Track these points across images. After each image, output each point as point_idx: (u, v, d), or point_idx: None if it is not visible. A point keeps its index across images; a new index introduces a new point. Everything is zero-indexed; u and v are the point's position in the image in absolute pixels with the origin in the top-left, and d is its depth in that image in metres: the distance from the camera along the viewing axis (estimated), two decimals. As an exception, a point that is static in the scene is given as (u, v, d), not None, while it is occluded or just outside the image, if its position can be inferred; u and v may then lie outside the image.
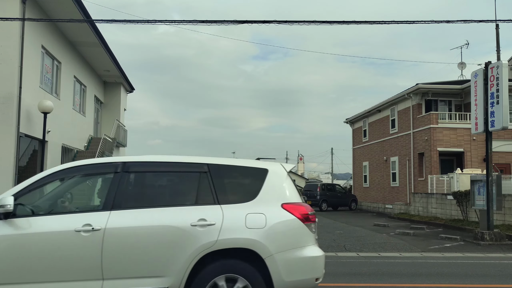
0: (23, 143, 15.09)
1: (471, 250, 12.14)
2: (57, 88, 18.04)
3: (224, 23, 12.49)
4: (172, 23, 11.98)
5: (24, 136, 14.82)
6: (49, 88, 17.16)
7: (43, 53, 16.38)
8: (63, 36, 18.11)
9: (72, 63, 19.55)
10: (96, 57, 20.98)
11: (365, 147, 32.29)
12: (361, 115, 32.50)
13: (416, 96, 24.52)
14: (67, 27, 17.38)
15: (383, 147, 28.76)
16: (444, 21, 12.53)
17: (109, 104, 25.72)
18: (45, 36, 16.30)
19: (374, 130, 30.68)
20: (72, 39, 18.75)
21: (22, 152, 15.33)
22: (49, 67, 17.23)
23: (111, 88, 25.74)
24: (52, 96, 17.15)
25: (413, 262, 9.93)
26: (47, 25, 16.38)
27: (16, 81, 14.10)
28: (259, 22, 12.80)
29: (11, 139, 13.92)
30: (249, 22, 12.67)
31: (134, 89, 27.87)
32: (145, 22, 12.40)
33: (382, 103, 28.51)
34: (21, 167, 15.18)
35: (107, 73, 23.69)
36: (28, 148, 15.99)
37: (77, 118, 20.63)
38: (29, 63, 14.91)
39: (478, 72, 14.01)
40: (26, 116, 14.81)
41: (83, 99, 21.73)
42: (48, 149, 16.71)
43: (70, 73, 19.37)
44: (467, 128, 22.84)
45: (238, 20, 12.51)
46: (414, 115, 24.73)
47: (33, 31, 15.14)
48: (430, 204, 21.21)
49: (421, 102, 24.62)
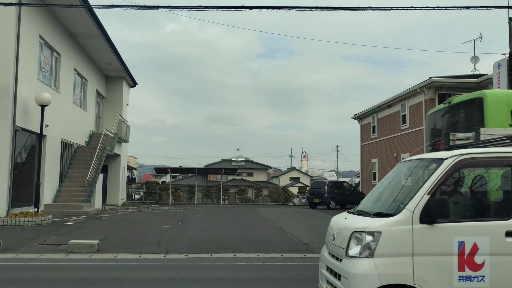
0: (20, 138, 14.38)
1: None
2: (56, 80, 17.32)
3: (231, 8, 11.78)
4: (177, 9, 11.14)
5: (20, 129, 14.11)
6: (47, 80, 16.44)
7: (41, 44, 15.65)
8: (62, 26, 17.37)
9: (72, 55, 18.82)
10: (97, 49, 20.25)
11: (374, 144, 31.40)
12: (370, 111, 31.59)
13: (429, 90, 23.59)
14: (66, 17, 16.64)
15: (393, 143, 27.87)
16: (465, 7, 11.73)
17: (111, 99, 25.00)
18: (43, 26, 15.57)
19: (383, 126, 29.79)
20: (71, 30, 18.02)
21: (20, 147, 14.63)
22: (47, 58, 16.50)
23: (113, 82, 25.02)
24: (51, 88, 16.44)
25: None
26: (45, 14, 15.65)
27: (12, 72, 13.38)
28: (268, 8, 12.10)
29: (6, 132, 13.20)
30: (257, 8, 11.99)
31: (137, 83, 27.15)
32: (146, 7, 11.68)
33: (392, 98, 27.59)
34: (19, 162, 14.49)
35: (109, 67, 22.96)
36: (27, 143, 15.29)
37: (78, 112, 19.92)
38: (26, 53, 14.18)
39: (502, 62, 13.17)
40: (22, 108, 14.10)
41: (83, 93, 21.01)
42: (47, 144, 16.01)
43: (70, 65, 18.64)
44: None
45: (246, 6, 11.79)
46: (427, 110, 23.78)
47: (30, 20, 14.40)
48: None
49: (434, 97, 23.69)
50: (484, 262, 3.84)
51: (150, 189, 32.50)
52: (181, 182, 46.59)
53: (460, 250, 3.82)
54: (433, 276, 3.79)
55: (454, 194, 4.45)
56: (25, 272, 6.75)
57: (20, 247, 8.92)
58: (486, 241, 3.86)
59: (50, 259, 7.86)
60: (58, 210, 15.81)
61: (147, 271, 6.95)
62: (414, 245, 3.81)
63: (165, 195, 30.66)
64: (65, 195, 17.15)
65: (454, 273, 3.81)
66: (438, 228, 3.85)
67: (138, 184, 47.20)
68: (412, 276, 3.78)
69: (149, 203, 28.92)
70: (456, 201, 4.40)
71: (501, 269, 3.84)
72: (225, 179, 43.83)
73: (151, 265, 7.50)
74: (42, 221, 12.65)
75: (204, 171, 40.31)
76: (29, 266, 7.29)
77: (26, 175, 14.92)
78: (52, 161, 16.71)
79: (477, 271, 3.83)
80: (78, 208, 16.21)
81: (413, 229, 3.84)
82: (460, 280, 3.81)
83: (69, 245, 8.59)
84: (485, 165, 4.33)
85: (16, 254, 8.23)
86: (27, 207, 14.17)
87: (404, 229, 3.85)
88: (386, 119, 29.55)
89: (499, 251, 3.85)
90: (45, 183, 15.91)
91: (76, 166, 18.64)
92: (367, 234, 3.89)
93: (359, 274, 3.81)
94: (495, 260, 3.85)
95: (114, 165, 24.43)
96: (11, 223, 12.02)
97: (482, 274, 3.83)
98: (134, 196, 37.28)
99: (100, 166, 18.88)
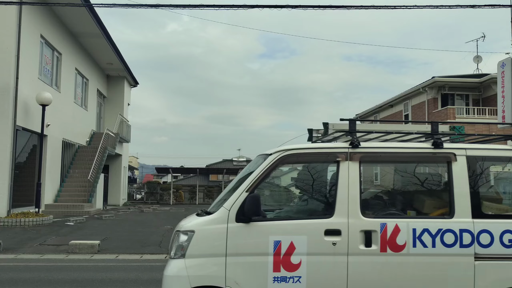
0: (21, 137, 14.32)
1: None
2: (57, 80, 17.25)
3: (233, 7, 11.69)
4: (178, 8, 11.07)
5: (21, 129, 14.05)
6: (48, 80, 16.37)
7: (42, 43, 15.58)
8: (63, 26, 17.31)
9: (74, 55, 18.76)
10: (98, 49, 20.18)
11: (376, 144, 31.38)
12: (372, 111, 31.49)
13: (432, 89, 23.49)
14: (67, 16, 16.57)
15: (395, 143, 27.80)
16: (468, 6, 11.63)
17: (112, 98, 24.93)
18: (44, 25, 15.50)
19: (385, 126, 29.70)
20: (73, 30, 17.95)
21: (21, 147, 14.57)
22: (48, 58, 16.44)
23: (114, 82, 24.96)
24: (52, 88, 16.36)
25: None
26: (46, 14, 15.59)
27: (13, 71, 13.31)
28: (270, 6, 12.01)
29: (7, 132, 13.14)
30: (259, 6, 11.90)
31: (138, 83, 27.09)
32: (147, 6, 11.61)
33: (394, 97, 27.50)
34: (20, 162, 14.43)
35: (110, 66, 22.88)
36: (28, 143, 15.23)
37: (79, 112, 19.85)
38: (27, 52, 14.11)
39: (506, 62, 13.03)
40: (23, 108, 14.03)
41: (85, 92, 20.95)
42: (48, 144, 15.95)
43: (71, 65, 18.58)
44: (485, 123, 21.78)
45: (248, 5, 11.68)
46: (429, 109, 23.72)
47: (31, 19, 14.33)
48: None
49: (437, 96, 23.59)
50: (301, 262, 3.65)
51: (151, 189, 32.46)
52: (183, 182, 46.52)
53: (276, 250, 3.62)
54: (246, 277, 3.61)
55: (275, 191, 4.29)
56: (26, 273, 6.68)
57: (21, 247, 8.86)
58: (303, 240, 3.66)
59: (50, 260, 7.80)
60: (59, 210, 15.74)
61: (149, 272, 6.86)
62: (228, 245, 3.63)
63: (166, 195, 30.60)
64: (66, 195, 17.09)
65: (269, 273, 3.62)
66: (254, 227, 3.65)
67: (139, 184, 47.17)
68: (224, 277, 3.59)
69: (151, 203, 28.87)
70: (279, 199, 4.24)
71: (318, 269, 3.65)
72: (226, 179, 43.69)
73: (152, 266, 7.42)
74: (43, 221, 12.58)
75: (206, 171, 40.23)
76: (30, 266, 7.22)
77: (27, 175, 14.85)
78: (53, 161, 16.64)
79: (293, 271, 3.64)
80: (79, 208, 16.14)
81: (228, 228, 3.65)
82: (274, 281, 3.62)
83: (70, 246, 8.52)
84: (308, 161, 4.16)
85: (17, 255, 8.16)
86: (28, 207, 14.10)
87: (218, 228, 3.66)
88: (388, 119, 29.45)
89: (317, 250, 3.67)
90: (46, 183, 15.84)
91: (77, 166, 18.57)
92: (182, 234, 3.72)
93: (169, 276, 3.65)
94: (313, 260, 3.66)
95: (115, 165, 24.36)
96: (12, 223, 11.95)
97: (298, 275, 3.64)
98: (136, 196, 37.21)
99: (101, 166, 18.81)
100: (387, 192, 4.43)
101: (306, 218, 4.04)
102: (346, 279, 3.66)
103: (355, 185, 3.82)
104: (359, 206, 3.77)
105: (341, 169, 3.85)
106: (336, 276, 3.66)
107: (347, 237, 3.68)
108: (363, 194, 3.99)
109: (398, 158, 4.14)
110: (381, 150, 4.08)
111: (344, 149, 3.91)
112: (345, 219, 3.72)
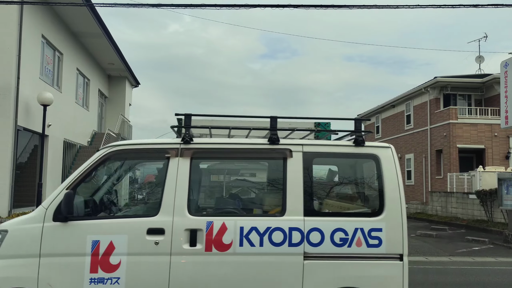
0: (22, 138, 14.30)
1: (503, 254, 11.14)
2: (58, 80, 17.23)
3: (235, 7, 11.65)
4: (179, 8, 11.11)
5: (22, 129, 14.03)
6: (50, 80, 16.35)
7: (43, 43, 15.56)
8: (65, 25, 17.29)
9: (75, 55, 18.74)
10: (99, 49, 20.15)
11: (377, 144, 31.29)
12: (374, 111, 31.42)
13: (434, 90, 23.40)
14: (68, 16, 16.55)
15: (397, 144, 27.67)
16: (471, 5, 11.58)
17: (114, 99, 24.92)
18: (45, 25, 15.48)
19: (387, 126, 29.62)
20: (74, 30, 17.93)
21: (22, 147, 14.55)
22: (50, 58, 16.42)
23: (115, 82, 24.94)
24: (53, 88, 16.34)
25: (445, 268, 8.96)
26: (47, 14, 15.57)
27: (14, 71, 13.29)
28: (272, 6, 11.96)
29: (8, 133, 13.11)
30: (261, 6, 11.85)
31: (140, 83, 27.06)
32: (148, 6, 11.58)
33: (396, 98, 27.42)
34: (21, 162, 14.40)
35: (112, 66, 22.86)
36: (29, 143, 15.21)
37: (80, 112, 19.83)
38: (28, 52, 14.09)
39: (509, 61, 12.97)
40: (24, 108, 14.01)
41: (86, 92, 20.93)
42: (49, 144, 15.92)
43: (72, 65, 18.55)
44: (488, 124, 21.74)
45: (250, 4, 11.64)
46: (431, 110, 23.64)
47: (33, 19, 14.32)
48: (449, 203, 20.14)
49: (439, 97, 23.50)
50: (121, 263, 3.53)
51: (152, 189, 32.44)
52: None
53: (94, 250, 3.51)
54: (61, 279, 3.48)
55: (105, 189, 4.16)
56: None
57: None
58: (124, 239, 3.54)
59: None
60: (60, 210, 15.69)
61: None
62: (42, 244, 3.50)
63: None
64: (67, 195, 17.05)
65: (86, 275, 3.50)
66: (71, 226, 3.53)
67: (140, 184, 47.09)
68: (36, 279, 3.45)
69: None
70: (103, 197, 4.09)
71: (138, 269, 3.54)
72: (228, 179, 43.70)
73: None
74: (43, 221, 12.53)
75: (207, 171, 40.28)
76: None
77: (28, 175, 14.83)
78: (54, 161, 16.62)
79: (111, 272, 3.53)
80: (80, 208, 16.10)
81: (43, 227, 3.52)
82: (91, 282, 3.50)
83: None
84: (138, 157, 4.06)
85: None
86: (29, 208, 14.07)
87: (33, 228, 3.53)
88: (390, 119, 29.37)
89: (138, 250, 3.56)
90: (47, 184, 15.80)
91: (79, 166, 18.30)
92: None
93: None
94: (133, 260, 3.54)
95: (117, 165, 24.34)
96: (13, 224, 11.91)
97: (117, 276, 3.52)
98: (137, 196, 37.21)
99: (103, 166, 18.77)
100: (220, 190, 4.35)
101: (129, 216, 3.89)
102: (168, 280, 3.53)
103: (183, 183, 3.67)
104: (186, 204, 3.63)
105: (170, 166, 3.71)
106: (158, 276, 3.53)
107: (170, 236, 3.56)
108: (196, 192, 3.85)
109: (234, 154, 3.99)
110: (215, 146, 3.91)
111: (175, 145, 3.78)
112: (170, 217, 3.59)
